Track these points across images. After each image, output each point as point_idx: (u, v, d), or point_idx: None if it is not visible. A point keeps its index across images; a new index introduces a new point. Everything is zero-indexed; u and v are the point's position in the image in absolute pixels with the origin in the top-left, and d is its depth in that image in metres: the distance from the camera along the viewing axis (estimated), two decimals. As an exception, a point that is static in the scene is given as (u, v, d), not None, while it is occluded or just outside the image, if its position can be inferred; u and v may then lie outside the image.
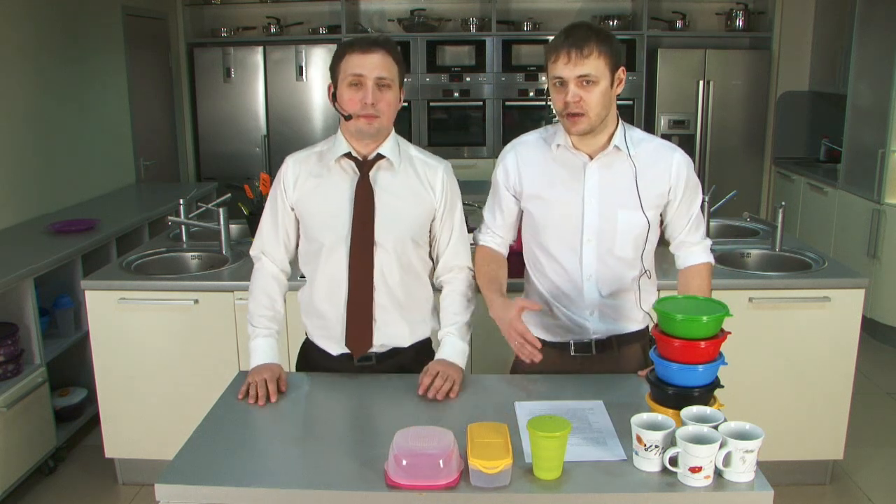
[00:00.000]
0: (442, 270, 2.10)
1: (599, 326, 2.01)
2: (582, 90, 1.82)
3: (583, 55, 1.79)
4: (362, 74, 1.87)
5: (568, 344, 2.05)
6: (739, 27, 6.06)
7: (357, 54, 1.88)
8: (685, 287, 2.03)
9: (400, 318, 2.02)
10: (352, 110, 1.89)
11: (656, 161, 1.94)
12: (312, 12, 6.20)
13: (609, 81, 1.85)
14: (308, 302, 2.07)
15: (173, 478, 1.53)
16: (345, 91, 1.89)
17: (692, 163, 1.98)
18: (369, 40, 1.90)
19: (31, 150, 4.07)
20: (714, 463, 1.46)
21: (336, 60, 1.91)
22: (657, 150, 1.95)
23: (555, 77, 1.83)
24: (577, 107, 1.82)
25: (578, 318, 2.02)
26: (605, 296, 2.00)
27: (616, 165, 1.93)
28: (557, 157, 1.96)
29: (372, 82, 1.88)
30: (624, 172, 1.93)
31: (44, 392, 3.10)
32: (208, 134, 6.11)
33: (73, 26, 4.52)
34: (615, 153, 1.93)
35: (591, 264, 1.97)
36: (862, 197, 4.78)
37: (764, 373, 2.90)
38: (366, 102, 1.88)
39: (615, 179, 1.93)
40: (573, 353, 2.05)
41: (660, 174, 1.93)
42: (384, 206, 1.95)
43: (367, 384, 1.99)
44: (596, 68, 1.80)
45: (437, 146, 5.92)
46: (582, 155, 1.94)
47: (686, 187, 1.95)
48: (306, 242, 2.03)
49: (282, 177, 2.02)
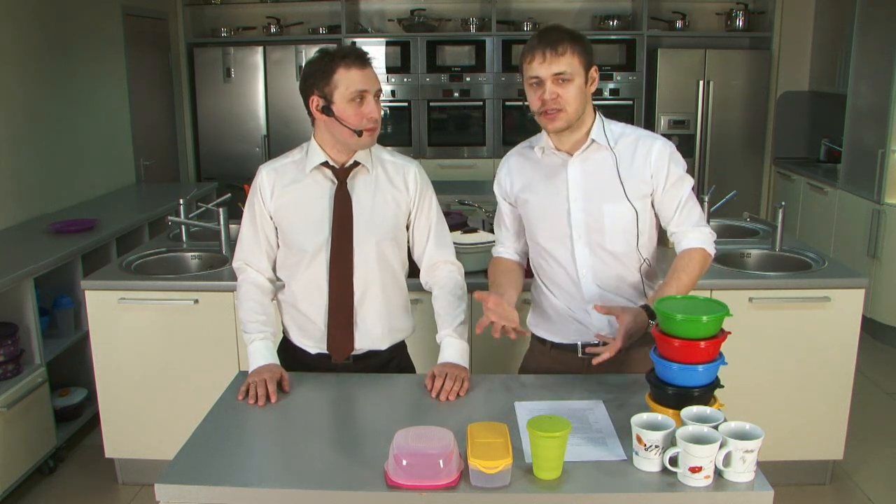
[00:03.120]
0: (427, 269, 2.13)
1: (602, 322, 2.02)
2: (558, 87, 1.86)
3: (557, 53, 1.84)
4: (366, 90, 1.90)
5: (576, 346, 2.07)
6: (739, 27, 6.06)
7: (356, 69, 1.90)
8: (671, 270, 1.97)
9: (379, 322, 2.06)
10: (359, 125, 1.91)
11: (636, 151, 1.95)
12: (312, 12, 6.20)
13: (583, 79, 1.88)
14: (287, 305, 2.10)
15: (173, 478, 1.53)
16: (348, 106, 1.90)
17: (675, 150, 1.98)
18: (361, 54, 1.93)
19: (31, 150, 4.07)
20: (714, 463, 1.46)
21: (326, 73, 1.90)
22: (637, 140, 1.97)
23: (531, 77, 1.88)
24: (555, 104, 1.86)
25: (581, 315, 2.03)
26: (605, 289, 2.01)
27: (597, 159, 1.96)
28: (542, 160, 2.02)
29: (373, 96, 1.92)
30: (605, 165, 1.95)
31: (44, 392, 3.10)
32: (208, 134, 6.12)
33: (73, 26, 4.52)
34: (595, 147, 1.96)
35: (585, 259, 1.99)
36: (862, 197, 4.78)
37: (764, 373, 2.90)
38: (373, 117, 1.92)
39: (597, 173, 1.95)
40: (581, 355, 2.06)
41: (641, 163, 1.94)
42: (362, 211, 1.99)
43: (367, 384, 1.99)
44: (570, 66, 1.85)
45: (437, 146, 5.93)
46: (562, 154, 1.98)
47: (668, 173, 1.95)
48: (285, 250, 2.06)
49: (258, 187, 2.03)
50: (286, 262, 2.07)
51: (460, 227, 3.00)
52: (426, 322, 2.26)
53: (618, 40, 5.88)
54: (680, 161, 1.98)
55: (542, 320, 2.12)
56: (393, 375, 2.09)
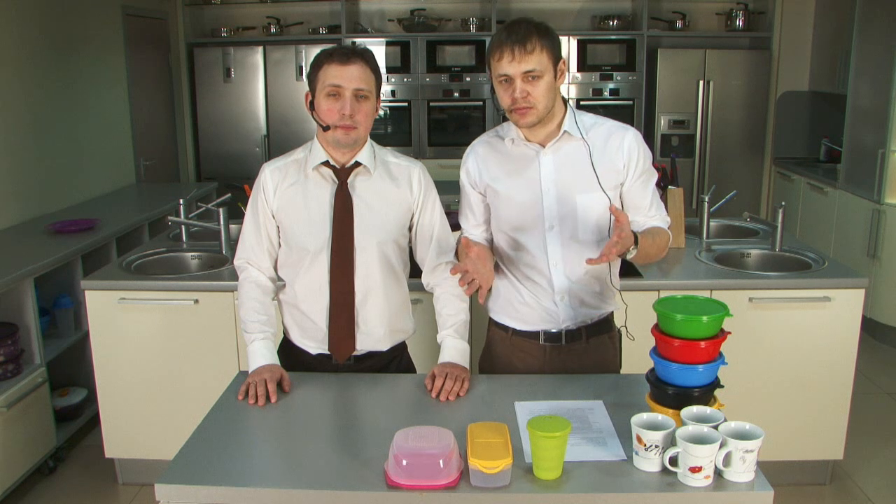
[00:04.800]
0: (429, 270, 2.13)
1: (569, 312, 2.03)
2: (528, 85, 1.85)
3: (526, 51, 1.82)
4: (341, 86, 1.89)
5: (538, 333, 2.07)
6: (739, 27, 6.06)
7: (336, 65, 1.89)
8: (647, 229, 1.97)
9: (381, 323, 2.06)
10: (330, 121, 1.91)
11: (608, 140, 1.95)
12: (312, 12, 6.20)
13: (553, 74, 1.87)
14: (288, 305, 2.10)
15: (173, 478, 1.53)
16: (323, 101, 1.91)
17: (644, 142, 1.99)
18: (348, 51, 1.92)
19: (32, 150, 4.07)
20: (714, 463, 1.46)
21: (314, 69, 1.93)
22: (609, 130, 1.97)
23: (500, 75, 1.86)
24: (525, 101, 1.86)
25: (548, 305, 2.03)
26: (574, 281, 2.01)
27: (569, 150, 1.96)
28: (512, 151, 2.00)
29: (350, 93, 1.90)
30: (578, 156, 1.95)
31: (44, 392, 3.10)
32: (208, 134, 6.11)
33: (73, 26, 4.52)
34: (567, 138, 1.95)
35: (557, 251, 1.99)
36: (862, 197, 4.78)
37: (764, 373, 2.90)
38: (344, 113, 1.90)
39: (570, 164, 1.95)
40: (542, 342, 2.07)
41: (613, 152, 1.95)
42: (364, 211, 1.99)
43: (368, 384, 1.99)
44: (540, 63, 1.83)
45: (436, 146, 5.93)
46: (534, 145, 1.97)
47: (639, 163, 1.96)
48: (287, 249, 2.06)
49: (261, 185, 2.04)
50: (287, 262, 2.07)
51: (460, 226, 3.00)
52: (427, 322, 2.26)
53: (618, 40, 5.88)
54: (649, 153, 2.00)
55: (505, 307, 2.10)
56: (393, 375, 2.09)
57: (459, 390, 1.89)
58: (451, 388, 1.89)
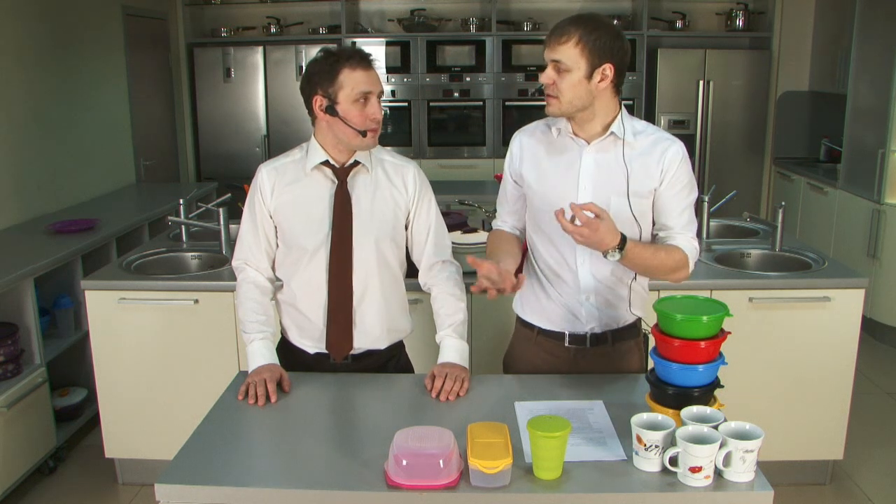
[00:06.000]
0: (425, 269, 2.13)
1: (594, 313, 2.02)
2: (555, 74, 1.85)
3: (559, 42, 1.82)
4: (371, 91, 1.92)
5: (563, 334, 2.06)
6: (739, 27, 6.06)
7: (361, 70, 1.91)
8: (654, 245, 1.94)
9: (378, 322, 2.06)
10: (363, 126, 1.93)
11: (652, 150, 1.93)
12: (312, 12, 6.20)
13: (585, 73, 1.83)
14: (286, 305, 2.11)
15: (173, 478, 1.53)
16: (352, 107, 1.92)
17: (688, 158, 1.96)
18: (364, 54, 1.94)
19: (32, 150, 4.07)
20: (714, 463, 1.46)
21: (330, 73, 1.91)
22: (656, 141, 1.95)
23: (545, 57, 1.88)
24: (550, 89, 1.86)
25: (574, 303, 2.02)
26: (599, 280, 2.00)
27: (612, 152, 1.94)
28: (557, 142, 1.99)
29: (376, 97, 1.94)
30: (620, 158, 1.93)
31: (44, 392, 3.10)
32: (208, 134, 6.11)
33: (73, 26, 4.52)
34: (612, 140, 1.93)
35: (586, 248, 1.96)
36: (862, 197, 4.78)
37: (764, 373, 2.90)
38: (376, 118, 1.94)
39: (610, 165, 1.94)
40: (567, 344, 2.06)
41: (655, 160, 1.92)
42: (362, 210, 2.00)
43: (367, 384, 1.99)
44: (568, 57, 1.82)
45: (436, 146, 5.93)
46: (580, 140, 1.95)
47: (677, 175, 1.92)
48: (285, 249, 2.06)
49: (258, 186, 2.04)
50: (285, 262, 2.07)
51: (460, 227, 3.00)
52: (425, 322, 2.26)
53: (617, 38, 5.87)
54: (690, 171, 1.97)
55: (532, 304, 2.10)
56: (393, 375, 2.09)
57: (459, 390, 1.89)
58: (451, 388, 1.89)
